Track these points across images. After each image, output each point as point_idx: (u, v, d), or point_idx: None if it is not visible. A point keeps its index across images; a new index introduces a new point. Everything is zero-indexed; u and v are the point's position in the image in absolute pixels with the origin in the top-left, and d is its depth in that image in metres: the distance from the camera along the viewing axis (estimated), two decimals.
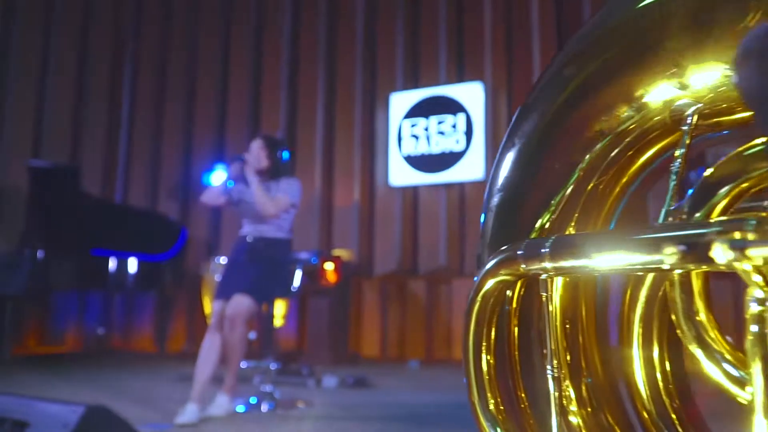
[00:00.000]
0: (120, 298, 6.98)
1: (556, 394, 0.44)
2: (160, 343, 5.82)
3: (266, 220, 2.96)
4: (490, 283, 0.47)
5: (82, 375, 4.46)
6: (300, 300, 5.72)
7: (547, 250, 0.43)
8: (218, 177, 6.20)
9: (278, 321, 5.59)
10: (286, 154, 3.10)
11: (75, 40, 7.29)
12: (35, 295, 6.23)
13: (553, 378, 0.45)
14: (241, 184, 3.05)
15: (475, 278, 0.49)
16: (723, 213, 0.44)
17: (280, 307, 3.44)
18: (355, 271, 5.98)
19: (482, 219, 0.54)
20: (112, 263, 5.38)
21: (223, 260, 5.69)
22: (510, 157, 0.52)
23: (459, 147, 5.94)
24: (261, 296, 2.89)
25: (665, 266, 0.36)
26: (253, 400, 3.11)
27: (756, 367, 0.33)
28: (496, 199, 0.52)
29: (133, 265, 5.52)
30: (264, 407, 3.04)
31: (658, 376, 0.50)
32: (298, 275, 3.25)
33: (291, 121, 6.78)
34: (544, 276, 0.45)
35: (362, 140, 6.42)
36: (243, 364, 3.05)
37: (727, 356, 0.44)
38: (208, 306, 5.68)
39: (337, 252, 5.78)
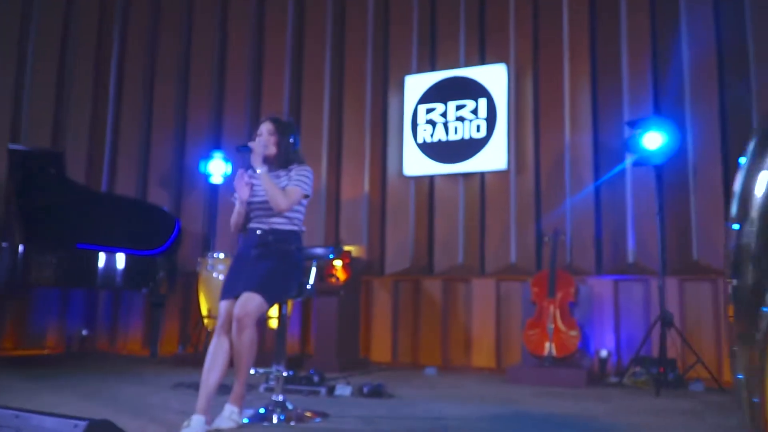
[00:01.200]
0: (107, 296, 6.92)
1: None
2: (151, 346, 5.69)
3: (277, 212, 2.88)
4: None
5: (66, 380, 4.34)
6: (303, 299, 5.62)
7: None
8: (216, 166, 6.21)
9: (274, 322, 5.54)
10: (297, 140, 3.03)
11: (57, 17, 7.14)
12: (14, 292, 6.18)
13: None
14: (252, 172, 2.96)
15: None
16: None
17: (278, 308, 3.30)
18: (364, 268, 5.90)
19: (736, 227, 0.41)
20: (99, 258, 5.25)
21: (221, 256, 5.74)
22: None
23: (480, 134, 5.85)
24: (273, 295, 2.76)
25: None
26: (262, 411, 2.98)
27: None
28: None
29: (121, 260, 5.38)
30: (275, 419, 2.93)
31: None
32: (313, 273, 3.12)
33: (295, 105, 6.67)
34: None
35: (373, 126, 6.33)
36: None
37: None
38: (205, 305, 5.70)
39: (345, 248, 5.67)
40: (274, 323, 5.52)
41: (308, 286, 3.04)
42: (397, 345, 5.86)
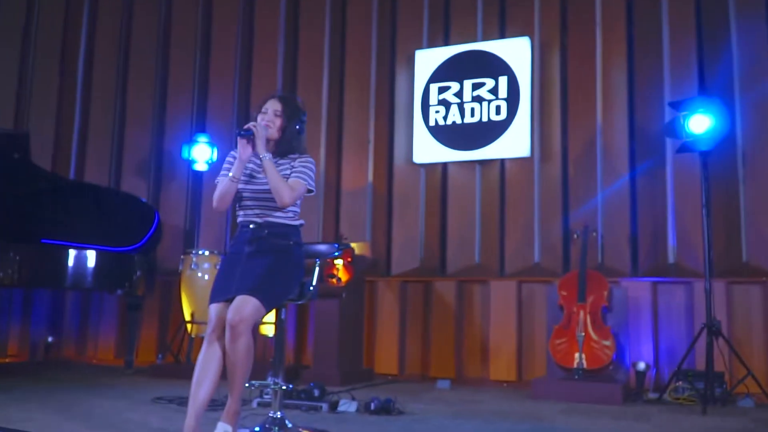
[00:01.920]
0: (75, 298, 6.88)
1: None
2: (126, 354, 5.64)
3: (273, 202, 2.85)
4: None
5: (32, 393, 4.30)
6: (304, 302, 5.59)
7: None
8: (201, 152, 6.17)
9: (268, 329, 5.51)
10: (303, 127, 3.00)
11: None
12: None
13: None
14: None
15: None
16: None
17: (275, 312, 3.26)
18: (368, 268, 5.87)
19: None
20: (67, 255, 5.20)
21: (206, 253, 5.72)
22: None
23: (499, 117, 5.81)
24: (271, 297, 2.70)
25: None
26: (257, 429, 2.93)
27: None
28: None
29: (92, 257, 5.33)
30: None
31: None
32: (316, 272, 3.10)
33: (289, 83, 6.64)
34: None
35: (378, 108, 6.30)
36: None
37: None
38: (187, 309, 5.69)
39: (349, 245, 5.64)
40: (267, 330, 5.49)
41: (311, 287, 2.99)
42: (405, 355, 5.83)
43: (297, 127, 2.94)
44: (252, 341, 2.66)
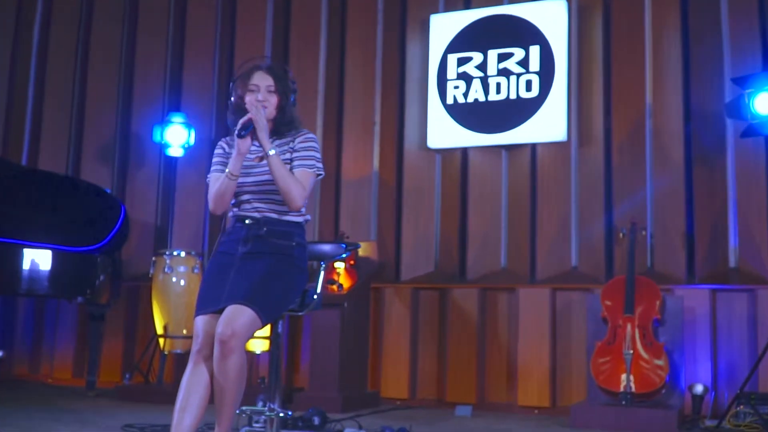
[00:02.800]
0: (28, 307, 6.87)
1: None
2: (88, 373, 5.63)
3: (273, 196, 2.86)
4: None
5: None
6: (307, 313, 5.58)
7: None
8: (175, 134, 6.12)
9: (257, 344, 5.47)
10: (294, 98, 3.01)
11: None
12: None
13: None
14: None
15: None
16: None
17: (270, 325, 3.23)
18: (374, 273, 5.84)
19: None
20: (17, 255, 5.15)
21: (182, 254, 5.68)
22: None
23: (531, 93, 5.78)
24: (269, 308, 2.69)
25: None
26: None
27: None
28: None
29: (47, 258, 5.30)
30: None
31: None
32: (321, 278, 3.09)
33: (280, 51, 6.62)
34: None
35: (385, 82, 6.27)
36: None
37: None
38: (160, 320, 5.66)
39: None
40: (255, 345, 5.46)
41: (314, 296, 2.98)
42: (417, 375, 5.81)
43: (293, 100, 2.95)
44: (245, 360, 2.64)
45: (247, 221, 2.85)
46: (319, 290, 3.01)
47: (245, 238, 2.83)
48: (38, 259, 5.29)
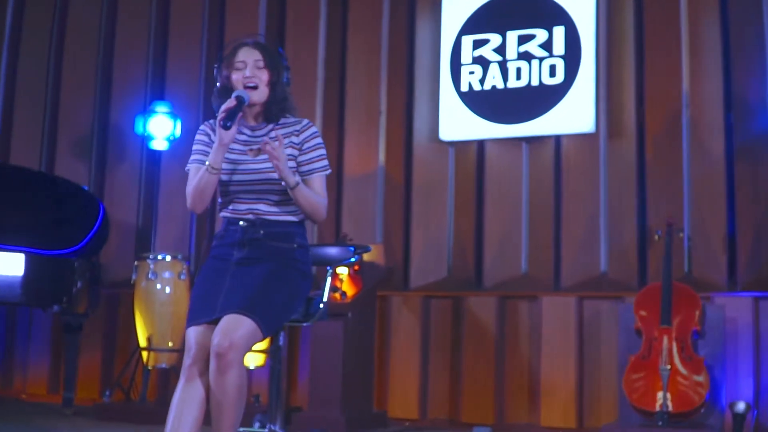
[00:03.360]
0: None
1: None
2: (65, 389, 5.62)
3: (270, 195, 2.86)
4: None
5: None
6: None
7: None
8: (159, 125, 6.10)
9: (251, 359, 5.44)
10: (288, 77, 3.01)
11: None
12: None
13: None
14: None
15: None
16: None
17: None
18: (380, 279, 5.82)
19: None
20: None
21: (167, 258, 5.66)
22: None
23: (555, 80, 5.78)
24: (269, 318, 2.70)
25: None
26: None
27: None
28: None
29: (18, 263, 5.31)
30: None
31: None
32: (327, 285, 3.13)
33: (274, 33, 6.61)
34: None
35: (392, 67, 6.27)
36: None
37: None
38: (143, 331, 5.64)
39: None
40: (249, 360, 5.48)
41: (320, 304, 3.01)
42: (428, 393, 5.79)
43: (285, 79, 2.94)
44: (245, 375, 2.64)
45: (241, 223, 2.85)
46: (326, 298, 3.00)
47: (241, 242, 2.83)
48: (9, 263, 5.31)
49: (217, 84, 2.91)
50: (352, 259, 3.14)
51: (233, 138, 2.79)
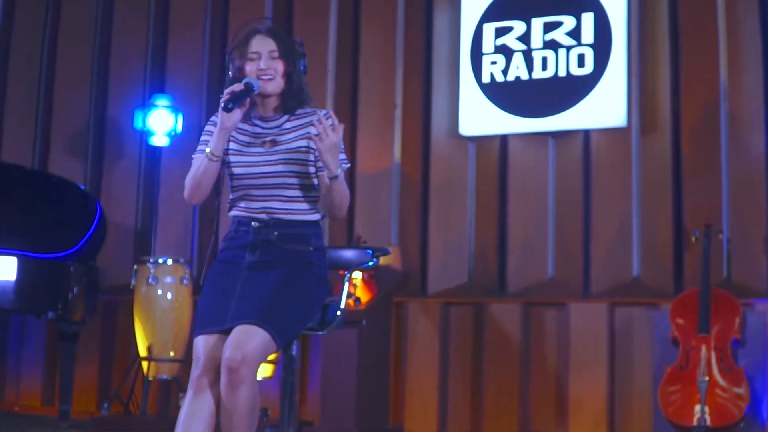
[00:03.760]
0: None
1: None
2: (61, 401, 5.64)
3: (284, 190, 2.86)
4: None
5: None
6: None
7: None
8: (159, 120, 6.10)
9: (263, 370, 5.44)
10: (305, 66, 3.05)
11: None
12: None
13: None
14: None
15: None
16: None
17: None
18: (396, 285, 5.84)
19: None
20: None
21: (169, 262, 5.67)
22: None
23: (583, 70, 5.77)
24: (284, 327, 2.69)
25: None
26: None
27: None
28: None
29: (11, 267, 5.33)
30: None
31: None
32: (345, 291, 3.11)
33: (282, 20, 6.58)
34: None
35: (409, 57, 6.26)
36: None
37: None
38: (143, 340, 5.66)
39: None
40: (261, 370, 5.41)
41: (338, 312, 2.99)
42: (448, 406, 5.80)
43: (302, 67, 2.97)
44: (258, 390, 2.63)
45: (253, 224, 2.84)
46: (342, 305, 3.00)
47: (252, 245, 2.82)
48: (1, 267, 5.31)
49: (229, 74, 2.92)
50: (370, 263, 3.12)
51: (236, 124, 2.80)
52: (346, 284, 3.08)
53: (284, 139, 2.87)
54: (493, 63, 5.94)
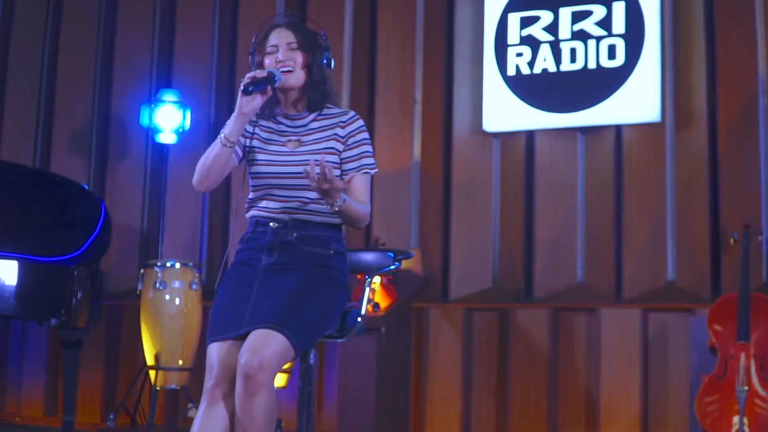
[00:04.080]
0: None
1: None
2: (64, 411, 5.63)
3: (307, 191, 2.86)
4: None
5: None
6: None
7: None
8: (166, 116, 6.13)
9: (277, 380, 5.46)
10: (330, 60, 3.08)
11: None
12: None
13: None
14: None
15: None
16: None
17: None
18: (417, 289, 5.87)
19: None
20: None
21: (177, 266, 5.69)
22: None
23: (614, 62, 5.77)
24: (303, 333, 2.70)
25: None
26: None
27: None
28: None
29: (12, 271, 5.35)
30: None
31: None
32: (366, 296, 3.12)
33: (296, 10, 6.58)
34: None
35: (429, 49, 6.27)
36: None
37: None
38: (150, 348, 5.68)
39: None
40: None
41: (358, 318, 2.99)
42: (471, 418, 5.81)
43: (325, 60, 3.00)
44: (275, 398, 2.63)
45: (271, 224, 2.86)
46: (363, 311, 3.01)
47: (270, 246, 2.85)
48: (2, 271, 5.34)
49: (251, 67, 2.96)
50: (392, 267, 3.14)
51: (255, 111, 2.83)
52: (367, 289, 3.09)
53: (309, 140, 2.91)
54: (519, 55, 5.93)
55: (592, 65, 5.78)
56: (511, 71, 5.95)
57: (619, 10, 5.73)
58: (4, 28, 7.25)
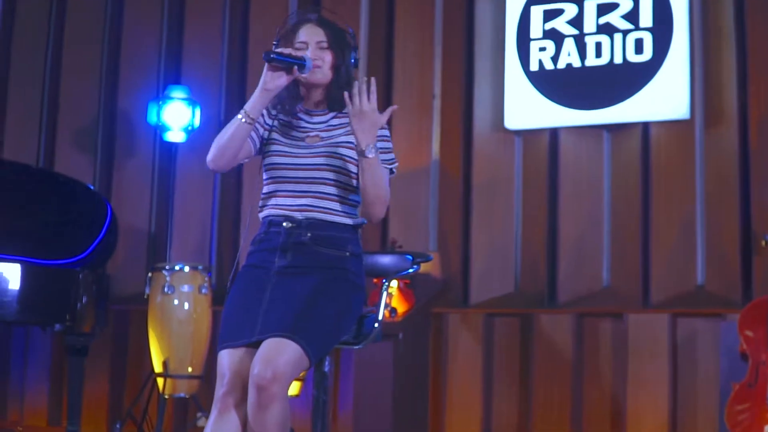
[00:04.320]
0: None
1: None
2: (69, 421, 5.66)
3: (323, 188, 2.89)
4: None
5: None
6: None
7: None
8: (175, 113, 6.15)
9: (290, 388, 5.48)
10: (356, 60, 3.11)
11: None
12: None
13: None
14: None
15: None
16: None
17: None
18: (436, 294, 5.88)
19: None
20: None
21: (186, 269, 5.71)
22: None
23: (641, 57, 5.77)
24: (318, 340, 2.71)
25: None
26: None
27: None
28: None
29: (15, 274, 5.38)
30: None
31: None
32: (383, 301, 3.12)
33: (309, 3, 6.61)
34: None
35: (448, 43, 6.29)
36: None
37: None
38: (158, 355, 5.69)
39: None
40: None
41: (375, 324, 2.99)
42: (492, 425, 5.82)
43: (353, 59, 3.03)
44: (289, 410, 2.63)
45: (285, 224, 2.87)
46: (381, 317, 3.01)
47: (283, 247, 2.85)
48: (4, 274, 5.37)
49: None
50: (410, 270, 3.15)
51: (278, 88, 2.85)
52: (384, 293, 3.08)
53: (329, 135, 2.93)
54: (542, 49, 5.95)
55: (618, 60, 5.79)
56: (533, 66, 5.97)
57: (646, 3, 5.74)
58: (7, 21, 7.26)
